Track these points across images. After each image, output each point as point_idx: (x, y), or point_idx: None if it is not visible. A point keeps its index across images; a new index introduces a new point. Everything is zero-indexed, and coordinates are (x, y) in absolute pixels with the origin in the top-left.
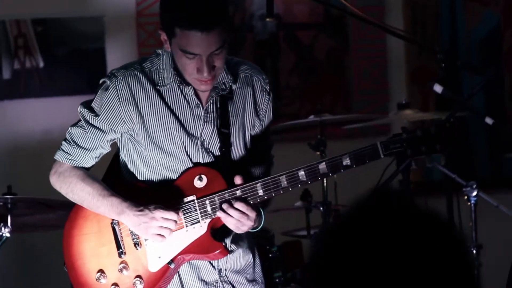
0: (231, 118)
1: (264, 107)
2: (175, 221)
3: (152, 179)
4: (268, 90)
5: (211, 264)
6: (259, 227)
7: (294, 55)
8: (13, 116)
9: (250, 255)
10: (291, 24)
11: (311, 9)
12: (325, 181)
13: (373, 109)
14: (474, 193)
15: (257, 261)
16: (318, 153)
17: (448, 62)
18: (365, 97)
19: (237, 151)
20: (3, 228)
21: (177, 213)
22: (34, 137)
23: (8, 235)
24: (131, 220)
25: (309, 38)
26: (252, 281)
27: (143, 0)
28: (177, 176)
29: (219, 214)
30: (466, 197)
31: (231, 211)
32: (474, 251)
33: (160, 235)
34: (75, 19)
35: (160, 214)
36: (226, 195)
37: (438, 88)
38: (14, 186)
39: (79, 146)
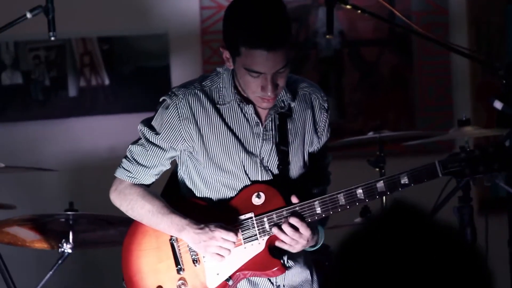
0: (289, 136)
1: (322, 125)
2: (234, 242)
3: (211, 196)
4: (326, 107)
5: (270, 280)
6: (317, 246)
7: (358, 71)
8: (78, 133)
9: (308, 272)
10: (355, 41)
11: (376, 25)
12: (384, 198)
13: (437, 126)
14: None
15: (315, 277)
16: (377, 169)
17: (509, 79)
18: (429, 113)
19: (295, 169)
20: (65, 244)
21: (237, 234)
22: (98, 154)
23: (70, 251)
24: (191, 237)
25: (373, 54)
26: None
27: (208, 18)
28: (235, 193)
29: (274, 230)
30: None
31: (284, 227)
32: None
33: (219, 254)
34: (139, 37)
35: (220, 234)
36: (284, 212)
37: (498, 105)
38: (77, 203)
39: (139, 163)
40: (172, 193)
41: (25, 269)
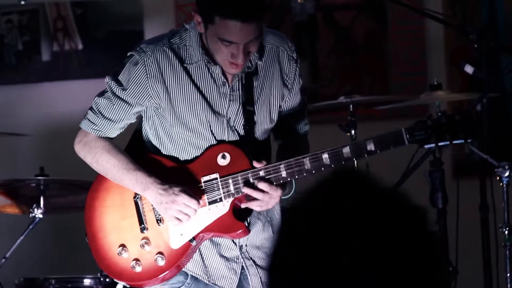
0: (255, 95)
1: (292, 75)
2: (196, 210)
3: (176, 154)
4: (295, 57)
5: (233, 241)
6: (289, 195)
7: (332, 36)
8: (52, 98)
9: (270, 229)
10: (329, 5)
11: None
12: (355, 164)
13: (411, 91)
14: (506, 174)
15: (276, 233)
16: (348, 134)
17: (482, 43)
18: (404, 78)
19: (262, 127)
20: (36, 210)
21: (199, 202)
22: (72, 119)
23: (41, 216)
24: (154, 197)
25: (348, 19)
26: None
27: None
28: (201, 152)
29: (245, 189)
30: (498, 177)
31: (254, 193)
32: (506, 232)
33: (178, 218)
34: (113, 2)
35: (182, 199)
36: (250, 175)
37: (469, 69)
38: (49, 168)
39: (105, 117)
40: (137, 149)
41: None
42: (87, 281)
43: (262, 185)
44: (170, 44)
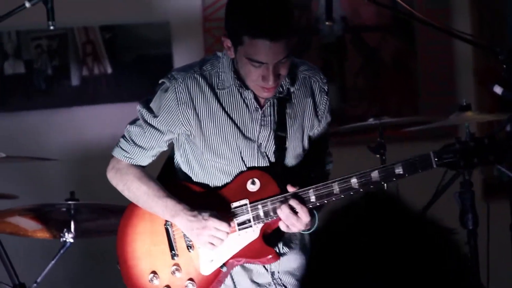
0: (288, 121)
1: (322, 108)
2: (227, 233)
3: (207, 181)
4: (326, 90)
5: (264, 266)
6: (312, 229)
7: (360, 57)
8: (81, 122)
9: (304, 257)
10: (357, 27)
11: (378, 10)
12: (385, 186)
13: (440, 111)
14: None
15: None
16: (378, 156)
17: (511, 64)
18: (432, 99)
19: (293, 154)
20: (66, 234)
21: (230, 224)
22: (101, 143)
23: (71, 240)
24: (184, 224)
25: (376, 40)
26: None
27: (209, 5)
28: (231, 179)
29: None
30: None
31: (284, 208)
32: None
33: (211, 243)
34: (141, 25)
35: (213, 223)
36: (278, 200)
37: (498, 90)
38: (79, 192)
39: (137, 144)
40: (168, 177)
41: (27, 259)
42: None
43: (293, 202)
44: (201, 71)
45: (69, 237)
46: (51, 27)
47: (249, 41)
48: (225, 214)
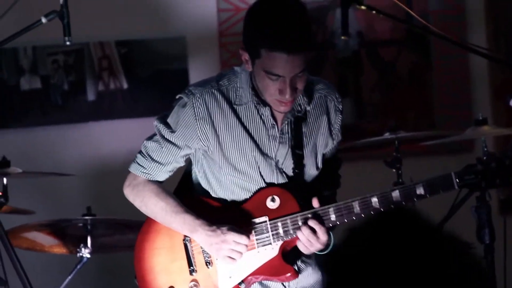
0: (304, 139)
1: (337, 127)
2: (246, 245)
3: (225, 197)
4: (341, 109)
5: (282, 284)
6: (328, 250)
7: (376, 72)
8: (97, 137)
9: (320, 272)
10: (373, 41)
11: (393, 25)
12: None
13: (456, 126)
14: None
15: (325, 277)
16: (394, 170)
17: None
18: (448, 113)
19: (309, 172)
20: (83, 249)
21: (249, 237)
22: (117, 158)
23: (88, 256)
24: (203, 239)
25: (391, 54)
26: None
27: (225, 20)
28: (250, 195)
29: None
30: None
31: (303, 228)
32: None
33: (230, 257)
34: (157, 40)
35: (232, 237)
36: (299, 218)
37: None
38: (95, 207)
39: (154, 160)
40: (186, 192)
41: (44, 274)
42: None
43: (312, 223)
44: (219, 86)
45: (85, 253)
46: (67, 43)
47: (267, 54)
48: (245, 232)
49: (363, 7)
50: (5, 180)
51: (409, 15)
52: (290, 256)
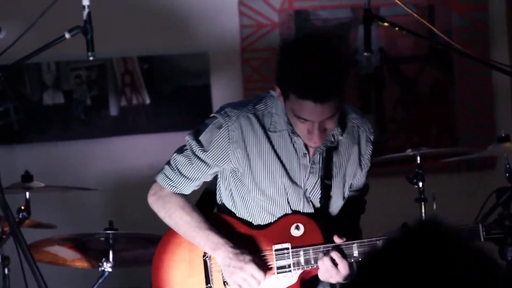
0: (334, 169)
1: (367, 158)
2: (259, 283)
3: (249, 218)
4: (372, 140)
5: None
6: (350, 279)
7: (398, 88)
8: (119, 152)
9: None
10: (395, 57)
11: (416, 41)
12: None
13: (479, 142)
14: None
15: None
16: (416, 187)
17: None
18: (471, 130)
19: (336, 203)
20: (105, 263)
21: (265, 275)
22: (139, 173)
23: (110, 270)
24: (223, 258)
25: (414, 70)
26: None
27: (247, 36)
28: (274, 220)
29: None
30: None
31: (325, 259)
32: None
33: (240, 286)
34: (180, 56)
35: (251, 268)
36: (321, 249)
37: None
38: (117, 222)
39: (182, 174)
40: (205, 208)
41: None
42: None
43: (335, 255)
44: (255, 111)
45: (107, 267)
46: (91, 58)
47: (295, 99)
48: (266, 256)
49: (385, 24)
50: (27, 194)
51: (432, 32)
52: (308, 285)
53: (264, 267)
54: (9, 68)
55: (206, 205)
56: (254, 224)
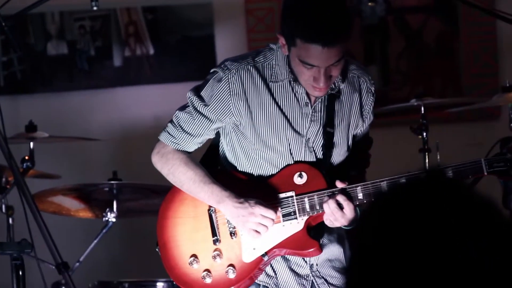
0: (336, 118)
1: (368, 108)
2: (273, 220)
3: (252, 171)
4: (373, 91)
5: (303, 259)
6: (353, 225)
7: (403, 39)
8: (123, 103)
9: (341, 249)
10: (400, 8)
11: None
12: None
13: (483, 93)
14: None
15: (347, 250)
16: (420, 137)
17: None
18: (475, 80)
19: (339, 151)
20: (109, 214)
21: (276, 212)
22: (143, 123)
23: (114, 220)
24: (230, 210)
25: (419, 21)
26: (343, 269)
27: None
28: (277, 170)
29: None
30: None
31: (330, 203)
32: None
33: (256, 230)
34: (184, 6)
35: (259, 210)
36: (326, 194)
37: None
38: (121, 172)
39: (185, 131)
40: (211, 164)
41: (70, 238)
42: (160, 285)
43: (340, 198)
44: (255, 63)
45: (111, 217)
46: (94, 8)
47: (302, 44)
48: (271, 205)
49: None
50: (31, 144)
51: None
52: (315, 231)
53: (271, 207)
54: (13, 18)
55: (211, 159)
56: (257, 176)
